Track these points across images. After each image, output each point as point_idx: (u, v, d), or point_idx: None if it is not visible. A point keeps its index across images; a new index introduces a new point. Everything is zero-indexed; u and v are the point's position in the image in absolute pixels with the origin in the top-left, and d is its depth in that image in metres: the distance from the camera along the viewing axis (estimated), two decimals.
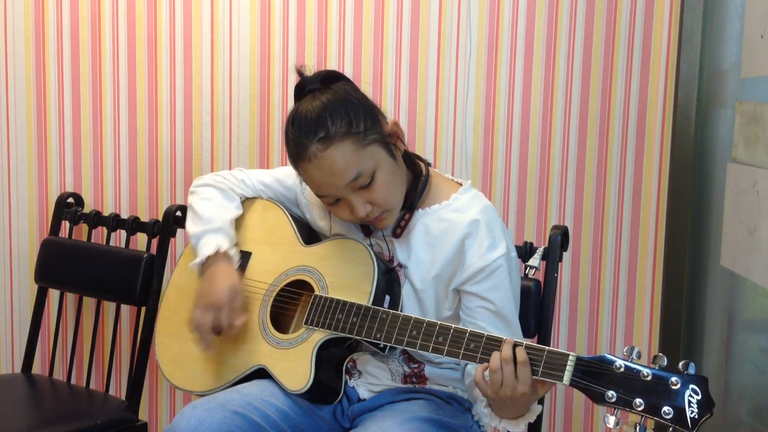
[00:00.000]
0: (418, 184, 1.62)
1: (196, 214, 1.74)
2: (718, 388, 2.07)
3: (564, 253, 1.79)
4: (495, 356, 1.36)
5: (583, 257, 2.25)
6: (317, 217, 1.73)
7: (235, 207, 1.77)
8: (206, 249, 1.68)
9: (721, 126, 2.05)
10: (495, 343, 1.38)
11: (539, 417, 1.75)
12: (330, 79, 1.57)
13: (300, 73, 1.59)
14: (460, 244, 1.56)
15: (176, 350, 1.73)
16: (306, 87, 1.56)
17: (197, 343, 1.64)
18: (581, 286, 2.26)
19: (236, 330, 1.62)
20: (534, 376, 1.34)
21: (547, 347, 1.34)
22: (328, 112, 1.49)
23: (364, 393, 1.66)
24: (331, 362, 1.60)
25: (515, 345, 1.36)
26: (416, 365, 1.64)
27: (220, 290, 1.61)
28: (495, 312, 1.55)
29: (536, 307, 1.77)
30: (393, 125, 1.57)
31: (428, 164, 1.67)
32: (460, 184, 1.65)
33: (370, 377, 1.66)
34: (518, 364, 1.34)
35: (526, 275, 1.71)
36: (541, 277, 1.79)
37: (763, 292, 1.87)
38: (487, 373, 1.38)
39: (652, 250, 2.23)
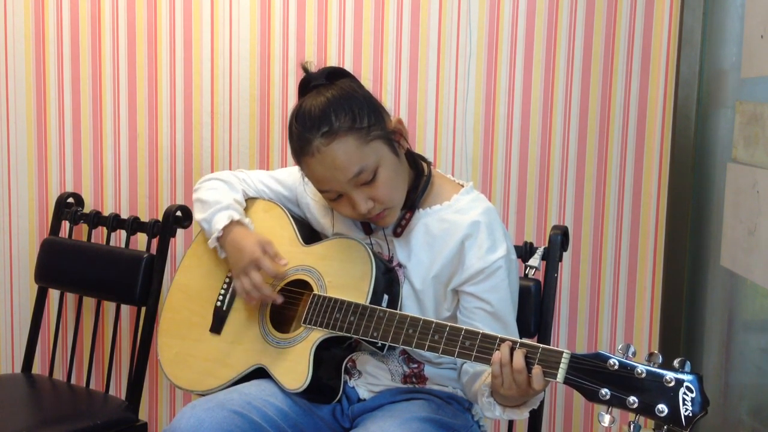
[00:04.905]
0: (419, 184, 1.62)
1: (203, 202, 1.75)
2: (718, 388, 2.07)
3: (564, 253, 1.79)
4: (495, 362, 1.36)
5: (583, 257, 2.25)
6: (318, 217, 1.73)
7: (240, 197, 1.78)
8: (220, 223, 1.69)
9: (721, 126, 2.05)
10: (490, 342, 1.38)
11: (539, 417, 1.75)
12: (335, 75, 1.58)
13: (305, 69, 1.60)
14: (460, 245, 1.56)
15: (177, 350, 1.74)
16: (311, 83, 1.57)
17: (266, 300, 1.64)
18: (581, 286, 2.26)
19: (282, 275, 1.63)
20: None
21: (541, 345, 1.34)
22: (332, 108, 1.50)
23: (363, 393, 1.66)
24: (331, 362, 1.60)
25: (512, 348, 1.36)
26: (416, 365, 1.64)
27: (250, 248, 1.63)
28: (492, 313, 1.55)
29: (536, 307, 1.77)
30: (397, 123, 1.57)
31: (430, 164, 1.67)
32: (462, 186, 1.65)
33: (370, 377, 1.66)
34: (514, 372, 1.34)
35: (526, 275, 1.71)
36: (541, 277, 1.79)
37: (763, 292, 1.87)
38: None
39: (652, 250, 2.22)
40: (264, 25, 2.29)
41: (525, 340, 1.37)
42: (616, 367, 1.26)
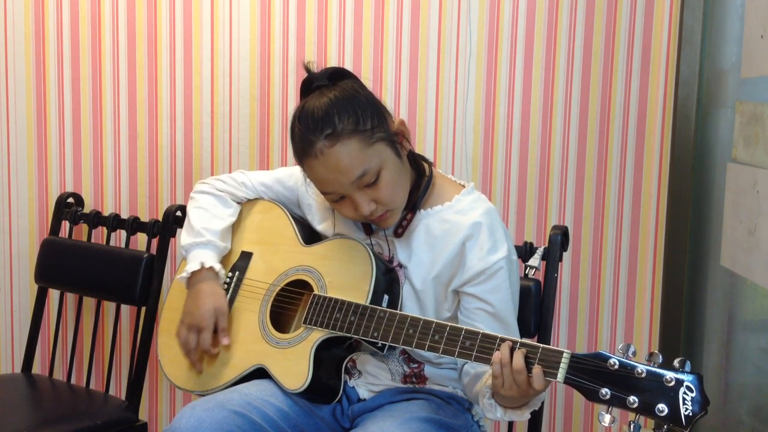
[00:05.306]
0: (421, 184, 1.62)
1: (189, 224, 1.77)
2: (718, 388, 2.07)
3: (564, 253, 1.79)
4: (495, 361, 1.36)
5: (583, 257, 2.25)
6: (319, 218, 1.73)
7: (230, 214, 1.78)
8: (191, 265, 1.70)
9: (721, 126, 2.05)
10: (491, 342, 1.38)
11: (539, 417, 1.75)
12: (337, 76, 1.57)
13: (307, 69, 1.59)
14: (461, 245, 1.56)
15: (178, 350, 1.74)
16: (313, 83, 1.56)
17: (185, 358, 1.69)
18: (581, 286, 2.26)
19: (215, 352, 1.67)
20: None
21: (541, 345, 1.34)
22: (335, 109, 1.49)
23: (364, 393, 1.66)
24: (331, 362, 1.60)
25: (512, 348, 1.36)
26: (416, 365, 1.64)
27: (203, 312, 1.65)
28: (493, 314, 1.55)
29: (536, 307, 1.77)
30: (399, 124, 1.57)
31: (431, 164, 1.67)
32: (463, 186, 1.65)
33: (370, 377, 1.66)
34: (513, 372, 1.34)
35: (526, 275, 1.71)
36: (541, 277, 1.79)
37: (763, 292, 1.87)
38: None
39: (652, 250, 2.23)
40: (264, 25, 2.29)
41: (525, 340, 1.37)
42: (616, 366, 1.26)
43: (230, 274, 1.75)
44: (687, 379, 1.21)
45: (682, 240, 2.17)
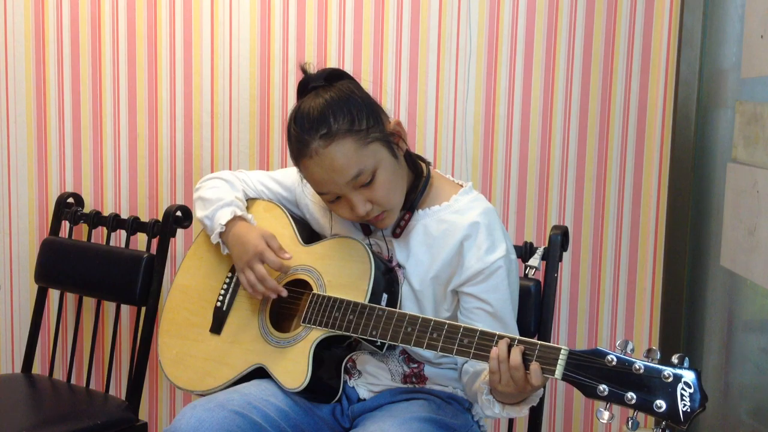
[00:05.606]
0: (419, 185, 1.62)
1: (205, 200, 1.75)
2: (718, 388, 2.07)
3: (564, 253, 1.79)
4: (493, 357, 1.36)
5: (583, 257, 2.25)
6: (317, 218, 1.73)
7: (242, 196, 1.77)
8: (223, 218, 1.68)
9: (721, 126, 2.05)
10: (488, 339, 1.38)
11: (539, 416, 1.75)
12: (334, 77, 1.57)
13: (304, 70, 1.59)
14: (459, 245, 1.56)
15: (178, 350, 1.74)
16: (309, 84, 1.57)
17: (267, 295, 1.63)
18: (581, 286, 2.26)
19: (287, 268, 1.63)
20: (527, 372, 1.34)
21: (539, 342, 1.34)
22: (330, 109, 1.49)
23: (363, 393, 1.66)
24: (330, 361, 1.60)
25: (510, 345, 1.36)
26: (416, 365, 1.64)
27: (254, 241, 1.62)
28: (492, 314, 1.55)
29: (536, 307, 1.77)
30: (396, 124, 1.57)
31: (429, 164, 1.67)
32: (461, 186, 1.65)
33: (370, 377, 1.66)
34: (510, 368, 1.34)
35: (526, 275, 1.71)
36: (541, 277, 1.79)
37: (763, 292, 1.86)
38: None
39: (652, 250, 2.22)
40: (264, 26, 2.29)
41: (523, 337, 1.37)
42: (614, 363, 1.26)
43: (230, 275, 1.75)
44: (685, 375, 1.21)
45: (682, 240, 2.17)
